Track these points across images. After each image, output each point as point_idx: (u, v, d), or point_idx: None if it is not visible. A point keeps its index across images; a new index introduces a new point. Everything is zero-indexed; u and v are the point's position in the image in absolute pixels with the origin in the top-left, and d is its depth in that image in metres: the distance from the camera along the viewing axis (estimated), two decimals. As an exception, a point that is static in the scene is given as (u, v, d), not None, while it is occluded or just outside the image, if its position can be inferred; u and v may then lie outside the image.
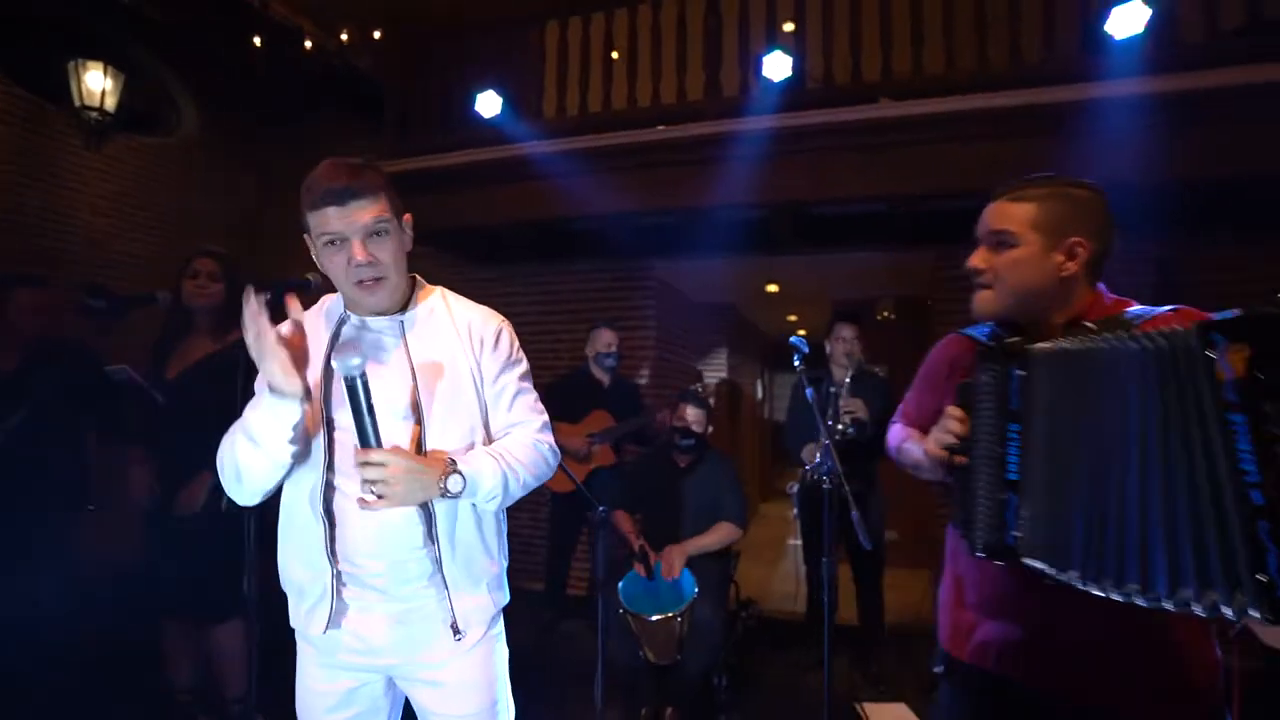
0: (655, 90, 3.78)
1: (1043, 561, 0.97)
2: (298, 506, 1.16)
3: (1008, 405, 1.04)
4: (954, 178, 3.36)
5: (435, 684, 1.20)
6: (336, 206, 1.08)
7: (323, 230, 1.11)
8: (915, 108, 3.29)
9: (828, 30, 3.50)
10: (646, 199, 3.80)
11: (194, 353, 2.16)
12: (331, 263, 1.13)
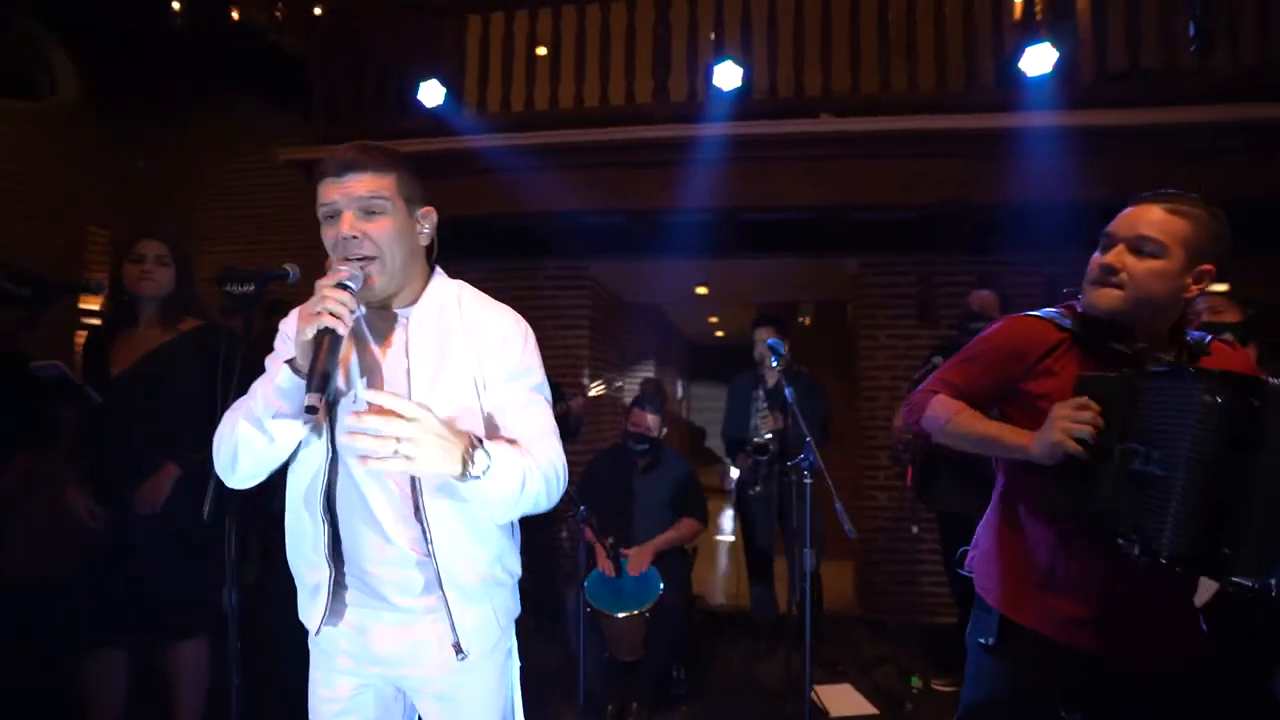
0: (604, 92, 3.79)
1: (1248, 578, 1.05)
2: (300, 501, 1.11)
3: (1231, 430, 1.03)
4: (884, 192, 3.62)
5: (442, 698, 1.16)
6: (334, 178, 1.05)
7: (320, 203, 1.07)
8: (853, 124, 3.51)
9: (772, 46, 3.66)
10: (589, 199, 3.82)
11: (144, 344, 1.96)
12: (325, 237, 1.08)
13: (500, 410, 1.11)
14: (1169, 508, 1.05)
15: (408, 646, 1.12)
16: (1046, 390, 1.27)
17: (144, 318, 2.00)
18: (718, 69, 3.45)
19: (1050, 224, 3.63)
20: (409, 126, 3.85)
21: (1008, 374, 1.33)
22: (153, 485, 1.88)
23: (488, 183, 3.81)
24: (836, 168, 3.63)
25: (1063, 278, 4.34)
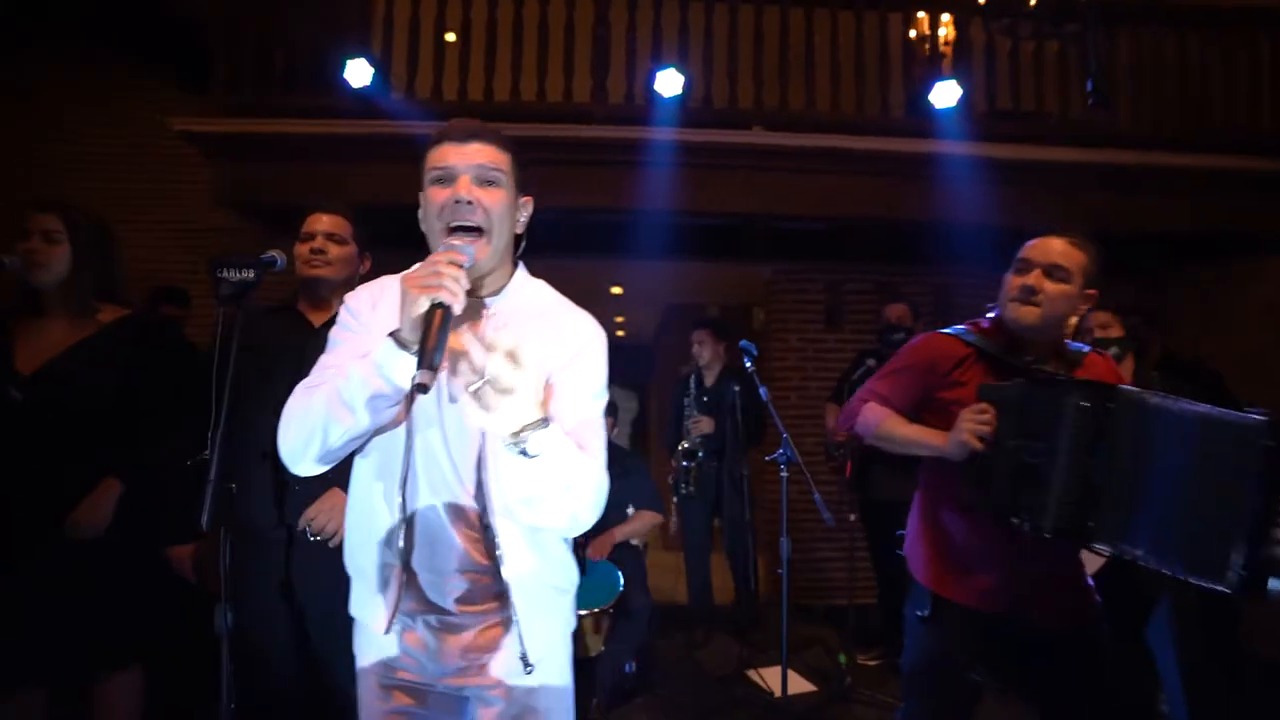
0: (541, 87, 3.75)
1: (1106, 545, 1.31)
2: (372, 492, 1.06)
3: (1096, 427, 1.31)
4: (808, 204, 3.88)
5: (505, 712, 1.10)
6: (456, 142, 1.03)
7: (434, 165, 1.03)
8: (783, 139, 3.73)
9: (708, 58, 3.80)
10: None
11: (50, 341, 1.65)
12: (432, 200, 1.03)
13: (561, 416, 1.05)
14: (1050, 492, 1.33)
15: (472, 655, 1.07)
16: (956, 397, 1.51)
17: (48, 308, 1.68)
18: (660, 75, 3.53)
19: (943, 241, 4.07)
20: (329, 104, 3.61)
21: (925, 384, 1.57)
22: (92, 505, 1.62)
23: (414, 171, 3.65)
24: (765, 179, 3.83)
25: (951, 288, 4.88)
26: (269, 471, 1.59)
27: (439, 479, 1.03)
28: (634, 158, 3.68)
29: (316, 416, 0.96)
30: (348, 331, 1.08)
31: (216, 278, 1.32)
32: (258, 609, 1.61)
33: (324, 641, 1.61)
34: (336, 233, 1.75)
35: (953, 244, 4.14)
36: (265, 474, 1.59)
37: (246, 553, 1.59)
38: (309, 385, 1.01)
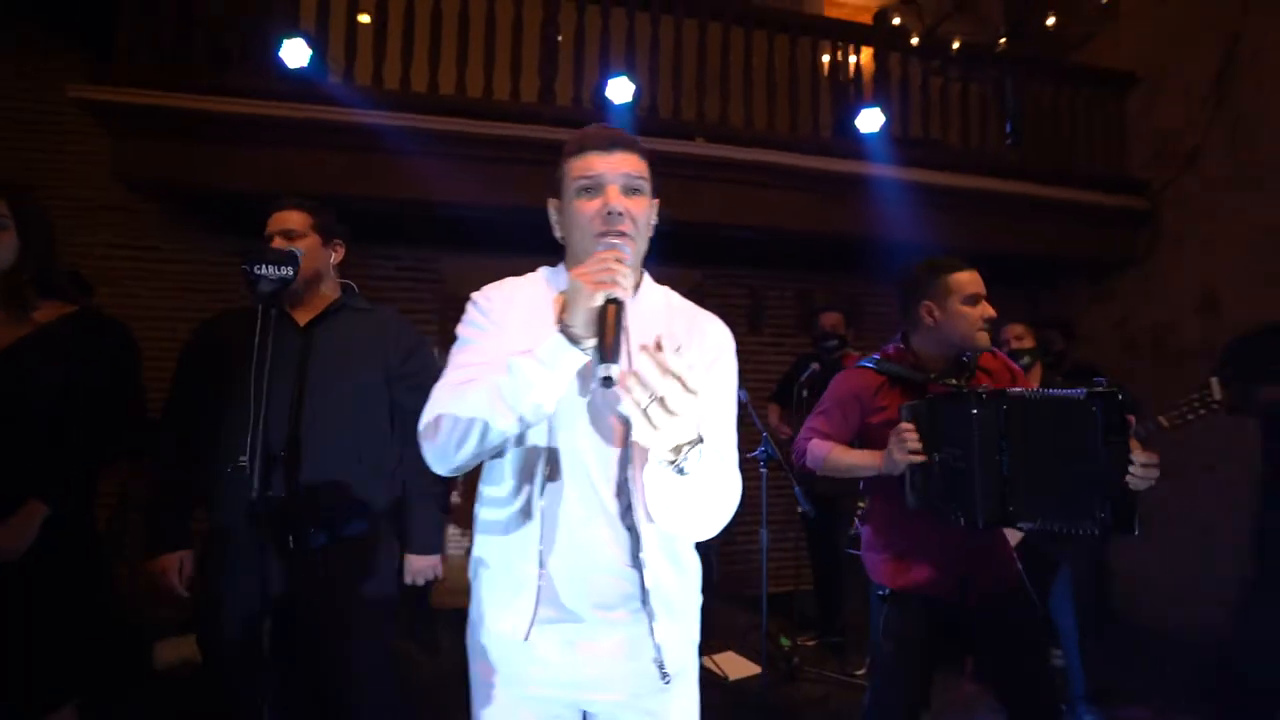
0: (489, 84, 3.70)
1: (1027, 522, 1.56)
2: (510, 494, 1.05)
3: (997, 427, 1.57)
4: (742, 214, 4.08)
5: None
6: (601, 151, 1.05)
7: (582, 174, 1.04)
8: (724, 151, 3.91)
9: (654, 68, 3.91)
10: (459, 191, 3.68)
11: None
12: (580, 211, 1.05)
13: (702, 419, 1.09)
14: (975, 489, 1.59)
15: (606, 665, 1.05)
16: (883, 420, 1.77)
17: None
18: (611, 83, 3.60)
19: (858, 255, 4.43)
20: (257, 85, 3.36)
21: (856, 414, 1.82)
22: (13, 528, 1.43)
23: (347, 160, 3.51)
24: (705, 188, 3.99)
25: (861, 298, 5.29)
26: (268, 474, 1.51)
27: (581, 479, 1.03)
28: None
29: (475, 415, 0.94)
30: (478, 330, 1.07)
31: (255, 275, 1.25)
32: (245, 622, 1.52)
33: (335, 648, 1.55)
34: (294, 229, 1.61)
35: (866, 258, 4.53)
36: (282, 478, 1.51)
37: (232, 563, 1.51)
38: (455, 383, 0.98)
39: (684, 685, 1.11)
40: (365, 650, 1.54)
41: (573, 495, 1.03)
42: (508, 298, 1.10)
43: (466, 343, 1.07)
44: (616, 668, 1.04)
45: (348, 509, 1.52)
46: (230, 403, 1.50)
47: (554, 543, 1.02)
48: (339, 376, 1.54)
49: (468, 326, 1.09)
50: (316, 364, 1.54)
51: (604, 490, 1.03)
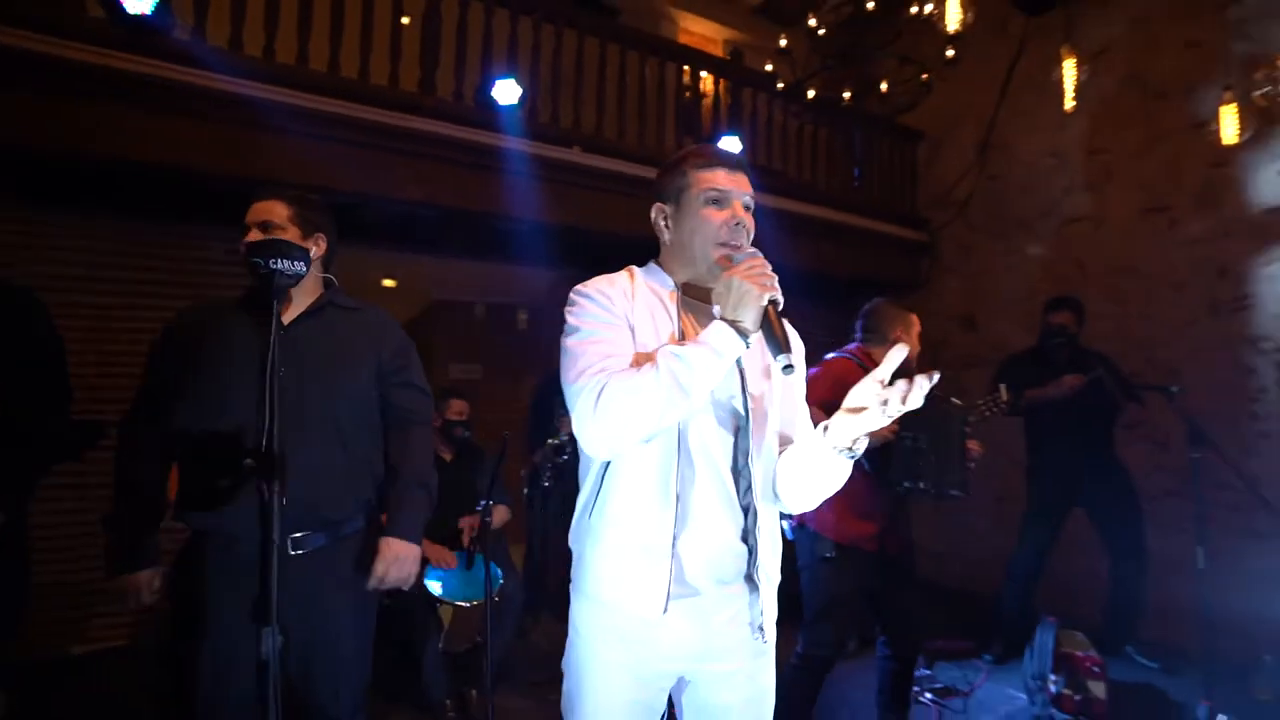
0: (364, 66, 3.51)
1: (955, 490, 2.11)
2: (647, 477, 1.10)
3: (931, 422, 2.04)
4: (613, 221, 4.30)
5: (740, 688, 1.17)
6: (730, 169, 1.16)
7: (711, 186, 1.14)
8: (599, 162, 4.11)
9: (535, 73, 3.99)
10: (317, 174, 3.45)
11: None
12: (707, 219, 1.14)
13: (795, 412, 1.26)
14: (932, 464, 2.09)
15: (724, 634, 1.14)
16: None
17: None
18: (499, 84, 3.63)
19: None
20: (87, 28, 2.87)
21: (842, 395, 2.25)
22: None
23: (188, 127, 3.12)
24: (581, 195, 4.15)
25: None
26: (255, 478, 1.43)
27: (708, 465, 1.11)
28: (457, 156, 3.70)
29: (654, 400, 1.00)
30: (605, 323, 1.12)
31: (269, 268, 1.20)
32: (224, 634, 1.43)
33: (314, 659, 1.50)
34: (274, 220, 1.49)
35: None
36: (250, 481, 1.43)
37: (215, 569, 1.42)
38: (609, 370, 1.04)
39: (772, 650, 1.22)
40: (354, 652, 1.51)
41: (703, 480, 1.11)
42: (624, 294, 1.16)
43: (593, 334, 1.11)
44: (732, 636, 1.14)
45: (345, 509, 1.48)
46: (218, 402, 1.40)
47: (685, 524, 1.10)
48: (328, 376, 1.49)
49: (590, 319, 1.12)
50: (305, 363, 1.47)
51: (725, 475, 1.13)
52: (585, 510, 1.17)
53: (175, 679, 1.49)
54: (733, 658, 1.15)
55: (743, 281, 1.03)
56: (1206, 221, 3.87)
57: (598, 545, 1.15)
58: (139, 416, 1.51)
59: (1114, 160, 4.32)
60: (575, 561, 1.21)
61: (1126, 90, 4.23)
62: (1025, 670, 2.83)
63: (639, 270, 1.23)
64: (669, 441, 1.09)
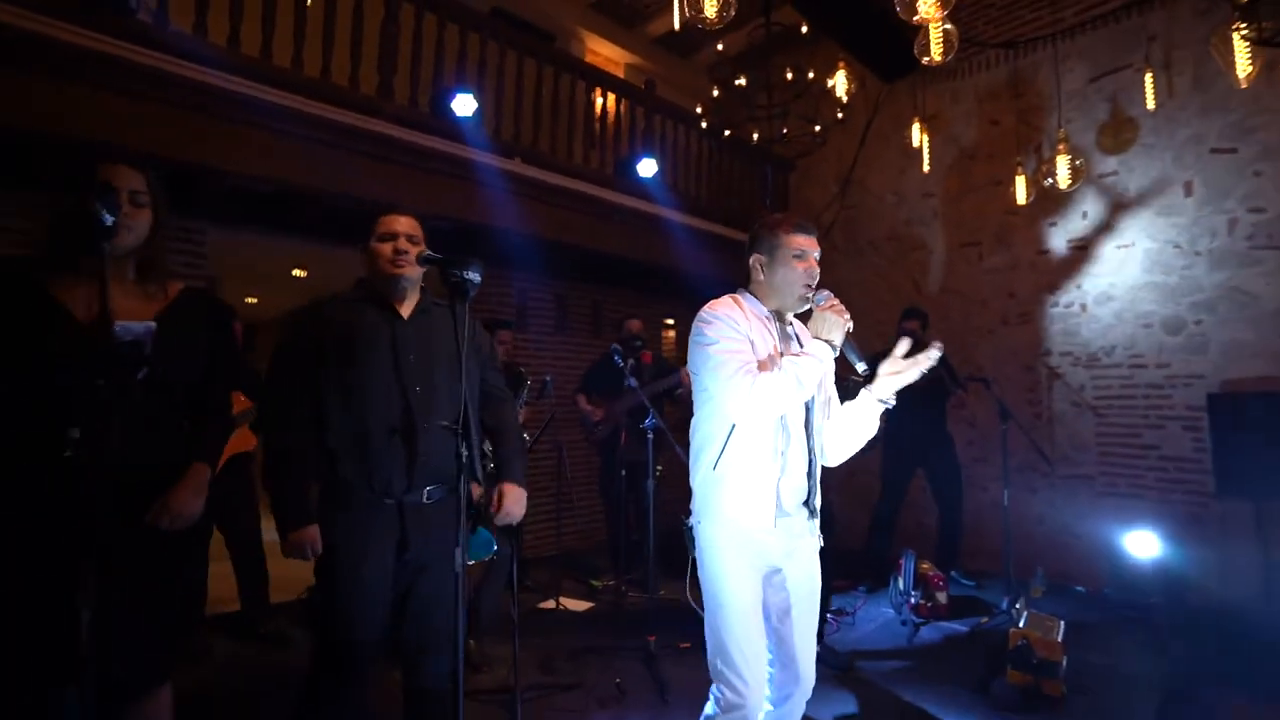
0: (326, 64, 3.63)
1: None
2: (763, 440, 1.62)
3: None
4: (571, 232, 4.72)
5: (807, 576, 1.72)
6: (808, 235, 1.70)
7: (799, 247, 1.67)
8: (537, 173, 4.51)
9: (481, 87, 4.29)
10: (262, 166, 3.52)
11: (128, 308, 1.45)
12: (794, 269, 1.66)
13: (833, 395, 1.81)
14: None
15: (800, 539, 1.69)
16: None
17: (115, 270, 1.44)
18: (458, 97, 3.92)
19: (608, 268, 5.45)
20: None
21: None
22: (191, 491, 1.50)
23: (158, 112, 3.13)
24: (523, 203, 4.52)
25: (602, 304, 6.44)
26: (399, 444, 1.77)
27: (796, 431, 1.67)
28: (410, 160, 3.94)
29: (785, 389, 1.53)
30: (737, 335, 1.62)
31: (464, 278, 1.58)
32: (376, 566, 1.76)
33: (427, 586, 1.86)
34: (416, 235, 1.86)
35: (614, 272, 5.58)
36: (396, 447, 1.77)
37: (368, 517, 1.75)
38: (753, 369, 1.55)
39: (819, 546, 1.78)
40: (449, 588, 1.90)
41: (795, 441, 1.66)
42: (743, 316, 1.66)
43: (731, 345, 1.60)
44: (804, 541, 1.71)
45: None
46: (362, 382, 1.72)
47: (784, 472, 1.65)
48: (446, 361, 1.85)
49: (728, 334, 1.61)
50: (430, 349, 1.84)
51: (800, 437, 1.68)
52: (710, 463, 1.66)
53: (325, 612, 1.79)
54: (806, 554, 1.73)
55: (833, 316, 1.63)
56: (1002, 256, 5.15)
57: (731, 488, 1.63)
58: (285, 396, 1.78)
59: (939, 203, 5.53)
60: (703, 502, 1.69)
61: (949, 149, 5.45)
62: (892, 591, 3.75)
63: (745, 297, 1.75)
64: (771, 426, 1.63)
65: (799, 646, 1.73)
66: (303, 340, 1.81)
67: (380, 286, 1.89)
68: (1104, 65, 4.69)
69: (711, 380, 1.61)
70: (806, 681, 1.75)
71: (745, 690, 1.62)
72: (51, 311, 1.38)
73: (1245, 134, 4.08)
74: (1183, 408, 4.27)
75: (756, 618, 1.66)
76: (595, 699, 2.56)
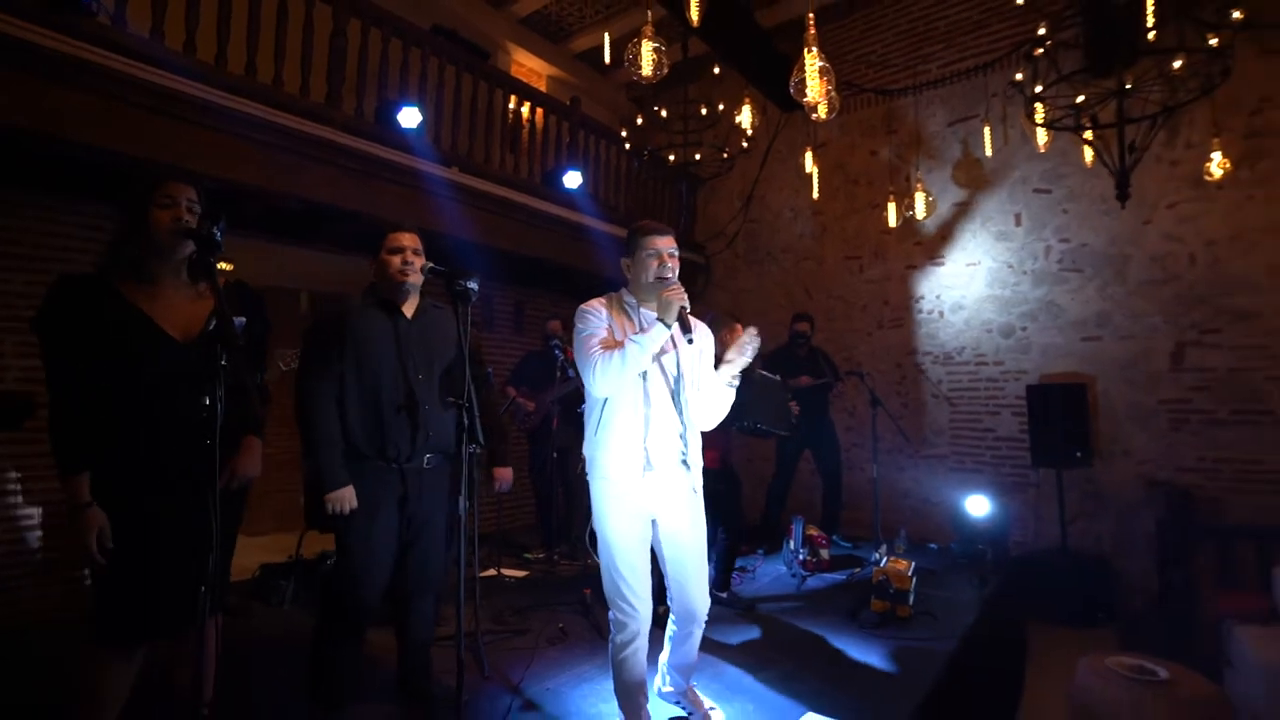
0: (278, 72, 3.84)
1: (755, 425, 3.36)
2: (627, 410, 2.00)
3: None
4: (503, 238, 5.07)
5: (681, 519, 2.07)
6: (663, 236, 2.09)
7: (654, 247, 2.06)
8: (469, 181, 4.86)
9: (423, 99, 4.59)
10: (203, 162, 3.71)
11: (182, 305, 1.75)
12: (648, 268, 2.04)
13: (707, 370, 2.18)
14: (767, 413, 3.48)
15: (673, 491, 2.05)
16: None
17: (162, 277, 1.74)
18: (404, 109, 4.23)
19: (527, 270, 5.88)
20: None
21: None
22: (252, 458, 1.89)
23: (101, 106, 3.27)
24: (462, 210, 4.85)
25: (524, 303, 6.89)
26: (405, 419, 2.18)
27: (660, 395, 2.04)
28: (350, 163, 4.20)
29: (628, 363, 1.91)
30: (600, 324, 2.04)
31: (466, 287, 2.01)
32: (382, 522, 2.17)
33: (424, 539, 2.27)
34: (418, 247, 2.25)
35: (538, 274, 6.00)
36: (403, 421, 2.18)
37: (378, 481, 2.16)
38: (607, 348, 1.95)
39: (700, 500, 2.14)
40: (445, 531, 2.32)
41: (657, 404, 2.03)
42: (607, 310, 2.07)
43: (595, 330, 2.01)
44: (678, 493, 2.07)
45: (451, 444, 2.24)
46: (374, 372, 2.15)
47: (648, 430, 2.02)
48: (443, 355, 2.27)
49: (591, 321, 2.03)
50: (429, 346, 2.25)
51: (666, 401, 2.05)
52: (592, 430, 2.07)
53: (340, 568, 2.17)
54: (680, 504, 2.09)
55: (670, 297, 1.93)
56: (879, 269, 6.02)
57: (606, 448, 2.03)
58: (314, 380, 2.13)
59: (828, 220, 6.35)
60: (590, 461, 2.08)
61: (836, 173, 6.28)
62: (785, 552, 4.44)
63: (613, 295, 2.16)
64: (638, 388, 2.02)
65: (687, 582, 2.12)
66: (330, 340, 2.18)
67: (387, 292, 2.28)
68: (959, 113, 5.64)
69: (579, 361, 2.04)
70: (699, 612, 2.15)
71: (632, 610, 2.04)
72: (128, 313, 1.69)
73: (1057, 179, 5.11)
74: (1012, 398, 5.26)
75: (638, 555, 2.05)
76: (544, 639, 3.02)
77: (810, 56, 2.46)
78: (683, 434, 2.09)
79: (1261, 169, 4.34)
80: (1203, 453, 4.46)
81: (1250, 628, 2.79)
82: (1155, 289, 4.71)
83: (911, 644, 3.02)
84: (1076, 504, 4.83)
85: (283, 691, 2.43)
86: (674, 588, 2.14)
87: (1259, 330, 4.31)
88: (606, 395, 2.03)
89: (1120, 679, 2.36)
